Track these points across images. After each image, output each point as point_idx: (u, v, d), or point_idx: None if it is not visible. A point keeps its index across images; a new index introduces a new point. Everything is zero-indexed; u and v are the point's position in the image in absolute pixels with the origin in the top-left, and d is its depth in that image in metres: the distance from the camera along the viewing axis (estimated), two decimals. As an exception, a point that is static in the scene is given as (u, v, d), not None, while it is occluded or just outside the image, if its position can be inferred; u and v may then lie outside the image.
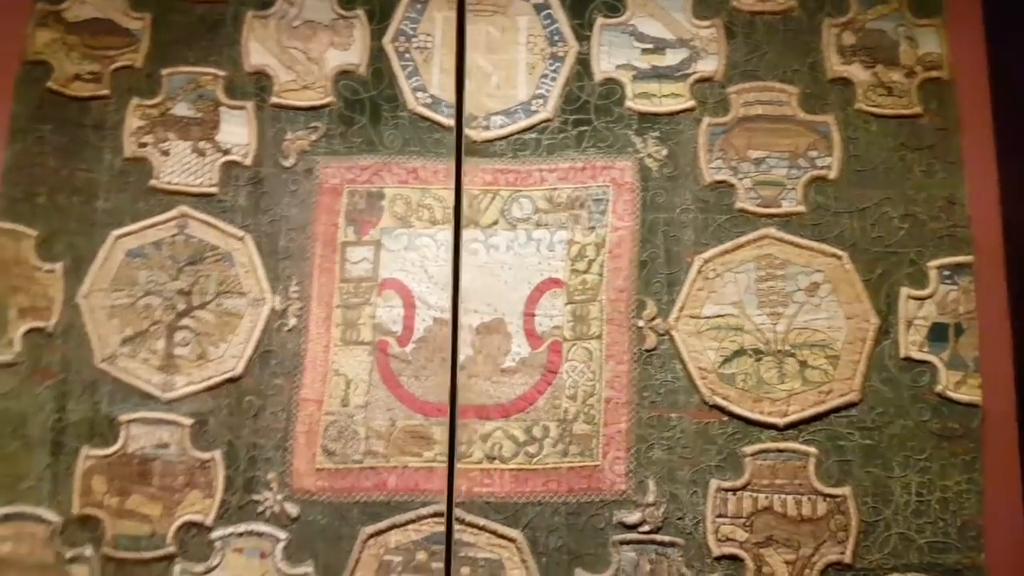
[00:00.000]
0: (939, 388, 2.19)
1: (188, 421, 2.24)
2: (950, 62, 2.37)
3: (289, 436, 2.24)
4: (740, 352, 2.24)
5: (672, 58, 2.40)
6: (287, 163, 2.35)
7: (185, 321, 2.28)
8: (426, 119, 2.37)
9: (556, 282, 2.29)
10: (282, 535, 2.18)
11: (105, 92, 2.38)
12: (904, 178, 2.30)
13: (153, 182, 2.34)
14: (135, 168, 2.35)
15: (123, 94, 2.38)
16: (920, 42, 2.38)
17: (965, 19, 2.40)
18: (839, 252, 2.27)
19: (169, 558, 2.19)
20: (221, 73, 2.39)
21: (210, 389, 2.27)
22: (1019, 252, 2.30)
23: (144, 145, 2.34)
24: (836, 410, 2.19)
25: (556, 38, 2.40)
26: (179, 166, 2.33)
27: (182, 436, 2.24)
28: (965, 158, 2.32)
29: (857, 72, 2.37)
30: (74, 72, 2.37)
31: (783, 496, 2.17)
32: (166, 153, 2.33)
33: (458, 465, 2.20)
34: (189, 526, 2.20)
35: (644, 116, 2.36)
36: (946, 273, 2.26)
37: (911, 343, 2.22)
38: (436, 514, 2.18)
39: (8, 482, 2.23)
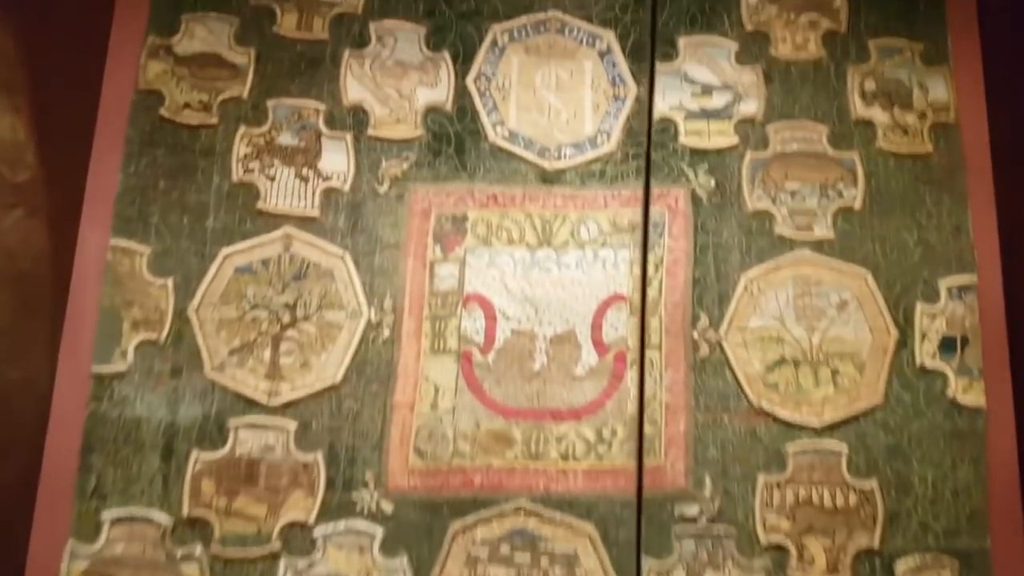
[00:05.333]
0: (950, 393, 2.13)
1: (292, 425, 2.09)
2: (956, 108, 2.33)
3: (384, 438, 2.10)
4: (781, 361, 2.16)
5: (718, 100, 2.32)
6: (381, 189, 2.21)
7: (290, 332, 2.12)
8: (504, 150, 2.26)
9: (620, 297, 2.19)
10: (378, 531, 2.03)
11: (213, 121, 2.21)
12: (918, 209, 2.25)
13: (260, 205, 2.19)
14: (243, 191, 2.19)
15: (230, 123, 2.21)
16: (930, 89, 2.34)
17: (968, 70, 2.36)
18: (864, 272, 2.20)
19: (274, 555, 2.03)
20: (322, 106, 2.25)
21: (312, 395, 2.11)
22: (1014, 275, 2.24)
23: (251, 171, 2.18)
24: (863, 413, 2.12)
25: (618, 81, 2.30)
26: (284, 190, 2.18)
27: (287, 439, 2.08)
28: (969, 192, 2.27)
29: (877, 114, 2.33)
30: (184, 101, 2.20)
31: (820, 489, 2.08)
32: (272, 178, 2.19)
33: (535, 464, 2.07)
34: (293, 525, 2.03)
35: (695, 151, 2.28)
36: (954, 291, 2.21)
37: (925, 353, 2.16)
38: (518, 509, 2.05)
39: (121, 486, 2.04)
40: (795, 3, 2.31)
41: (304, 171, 2.16)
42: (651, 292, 2.17)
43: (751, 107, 2.27)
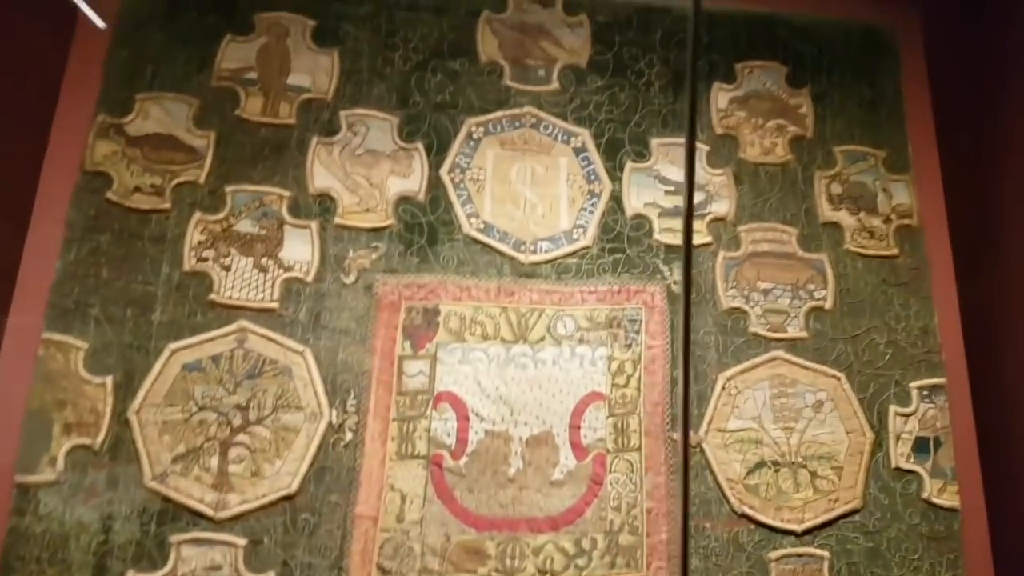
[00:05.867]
0: (925, 495, 2.18)
1: (242, 541, 1.94)
2: (919, 213, 2.45)
3: (344, 555, 1.96)
4: (761, 464, 2.17)
5: None
6: (348, 280, 2.14)
7: (240, 437, 1.98)
8: (479, 242, 2.24)
9: (598, 395, 2.16)
10: (336, 659, 1.85)
11: (166, 206, 2.10)
12: (886, 310, 2.35)
13: (213, 296, 2.06)
14: (195, 282, 2.07)
15: (184, 208, 2.11)
16: (894, 194, 2.47)
17: (928, 177, 2.50)
18: (838, 374, 2.26)
19: None
20: (286, 193, 2.17)
21: (264, 508, 1.96)
22: (980, 376, 2.34)
23: (204, 259, 2.07)
24: (843, 516, 2.15)
25: (592, 177, 2.34)
26: (240, 281, 2.06)
27: (235, 557, 1.93)
28: (934, 294, 2.38)
29: (844, 217, 2.43)
30: (134, 184, 2.09)
31: (804, 598, 2.07)
32: (227, 268, 2.07)
33: (511, 581, 1.97)
34: (239, 653, 1.82)
35: (669, 248, 2.31)
36: (925, 393, 2.28)
37: (900, 455, 2.22)
38: (489, 634, 1.93)
39: (42, 613, 1.82)
40: (762, 109, 2.43)
41: (263, 261, 2.07)
42: (628, 392, 2.16)
43: (723, 207, 2.34)
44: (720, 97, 2.46)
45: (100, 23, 2.19)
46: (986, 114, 2.50)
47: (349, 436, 2.02)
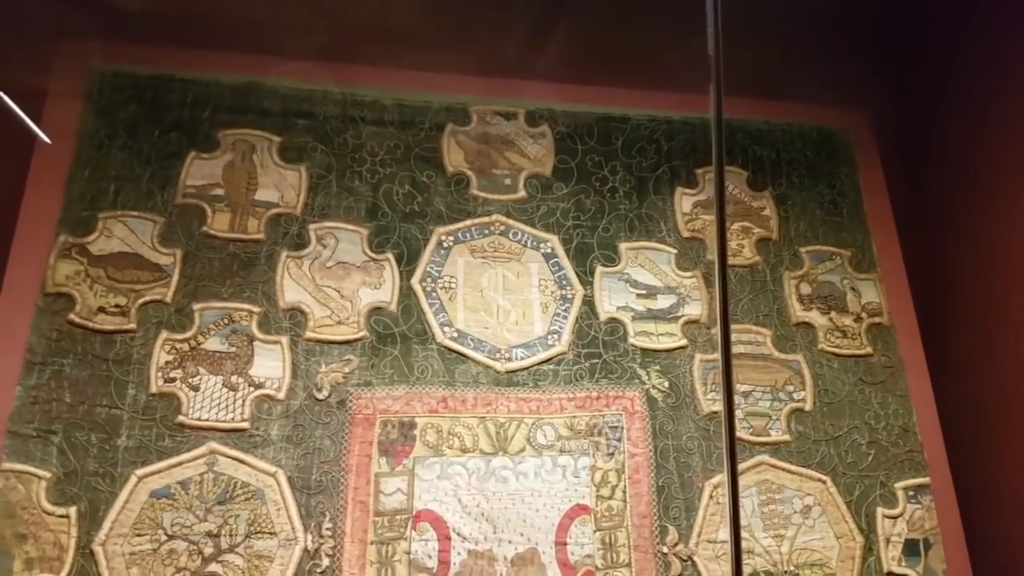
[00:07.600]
0: None
1: None
2: (888, 310, 2.80)
3: None
4: (754, 575, 2.36)
5: (663, 302, 2.68)
6: (320, 395, 2.33)
7: (212, 567, 2.11)
8: (453, 351, 2.47)
9: (584, 508, 2.36)
10: None
11: (131, 326, 2.28)
12: (865, 409, 2.65)
13: (182, 418, 2.23)
14: (162, 403, 2.23)
15: (151, 328, 2.30)
16: (862, 293, 2.82)
17: (894, 274, 2.87)
18: (823, 477, 2.53)
19: None
20: (256, 309, 2.38)
21: (237, 645, 2.06)
22: (964, 474, 2.65)
23: (172, 380, 2.24)
24: None
25: (564, 282, 2.62)
26: (209, 401, 2.24)
27: None
28: (911, 392, 2.71)
29: (816, 317, 2.75)
30: (98, 305, 2.27)
31: None
32: (196, 388, 2.25)
33: None
34: None
35: (645, 351, 2.59)
36: (911, 493, 2.56)
37: (891, 558, 2.47)
38: None
39: None
40: (727, 211, 2.81)
41: (233, 379, 2.26)
42: (614, 503, 2.38)
43: (695, 309, 2.64)
44: (684, 201, 2.81)
45: (44, 138, 2.46)
46: (943, 208, 2.94)
47: (326, 562, 2.17)
